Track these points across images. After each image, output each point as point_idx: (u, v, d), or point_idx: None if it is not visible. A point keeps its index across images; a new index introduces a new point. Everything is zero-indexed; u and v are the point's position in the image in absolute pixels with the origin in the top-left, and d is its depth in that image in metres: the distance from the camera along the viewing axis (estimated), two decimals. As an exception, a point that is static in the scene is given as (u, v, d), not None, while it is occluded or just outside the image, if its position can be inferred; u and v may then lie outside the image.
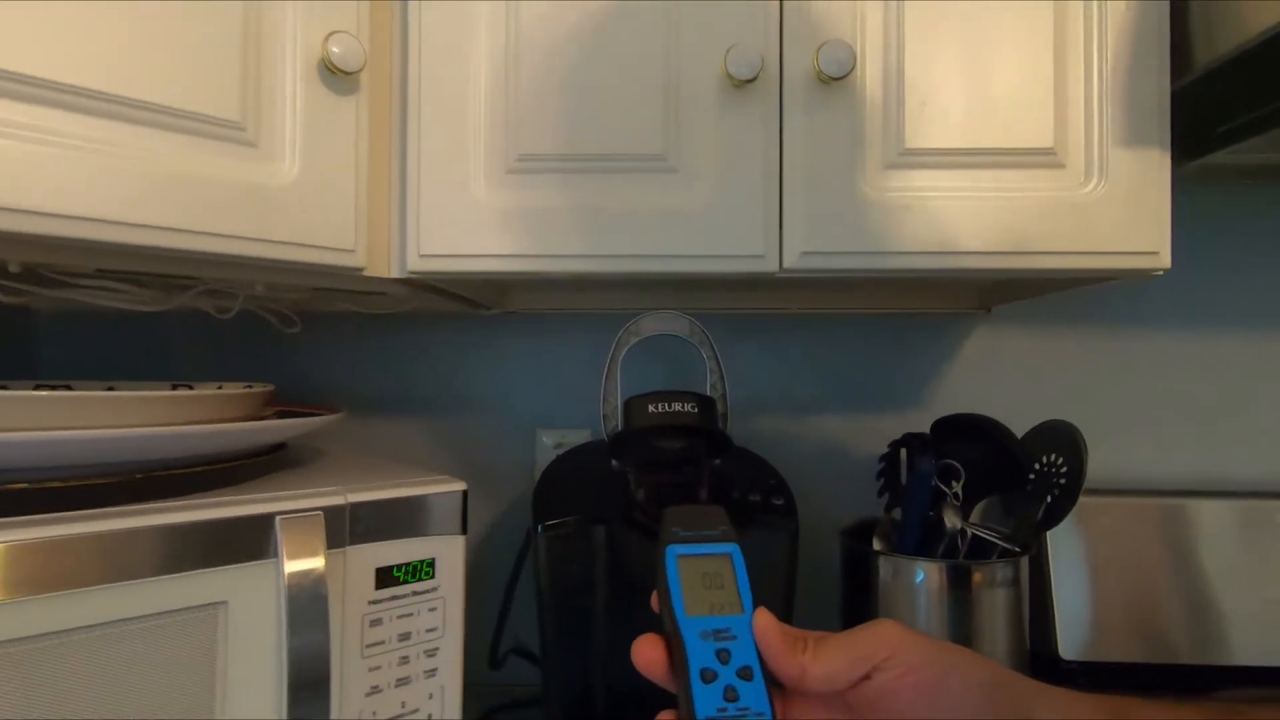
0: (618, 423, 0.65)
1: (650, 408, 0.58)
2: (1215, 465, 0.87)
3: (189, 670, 0.47)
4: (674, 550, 0.40)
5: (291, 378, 0.92)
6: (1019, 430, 0.69)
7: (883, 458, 0.70)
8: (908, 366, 0.90)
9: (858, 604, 0.68)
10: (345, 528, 0.54)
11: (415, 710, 0.57)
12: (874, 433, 0.89)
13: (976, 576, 0.61)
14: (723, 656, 0.36)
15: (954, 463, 0.64)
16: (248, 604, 0.49)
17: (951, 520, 0.59)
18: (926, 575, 0.62)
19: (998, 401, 0.88)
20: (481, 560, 0.91)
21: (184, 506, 0.48)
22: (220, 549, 0.48)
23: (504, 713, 0.81)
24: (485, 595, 0.91)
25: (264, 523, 0.50)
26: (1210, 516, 0.79)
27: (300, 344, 0.92)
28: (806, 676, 0.36)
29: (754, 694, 0.36)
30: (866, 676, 0.36)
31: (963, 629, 0.61)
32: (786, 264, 0.58)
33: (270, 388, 0.65)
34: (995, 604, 0.61)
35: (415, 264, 0.58)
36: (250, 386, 0.62)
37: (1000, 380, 0.89)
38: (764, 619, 0.37)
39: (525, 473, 0.92)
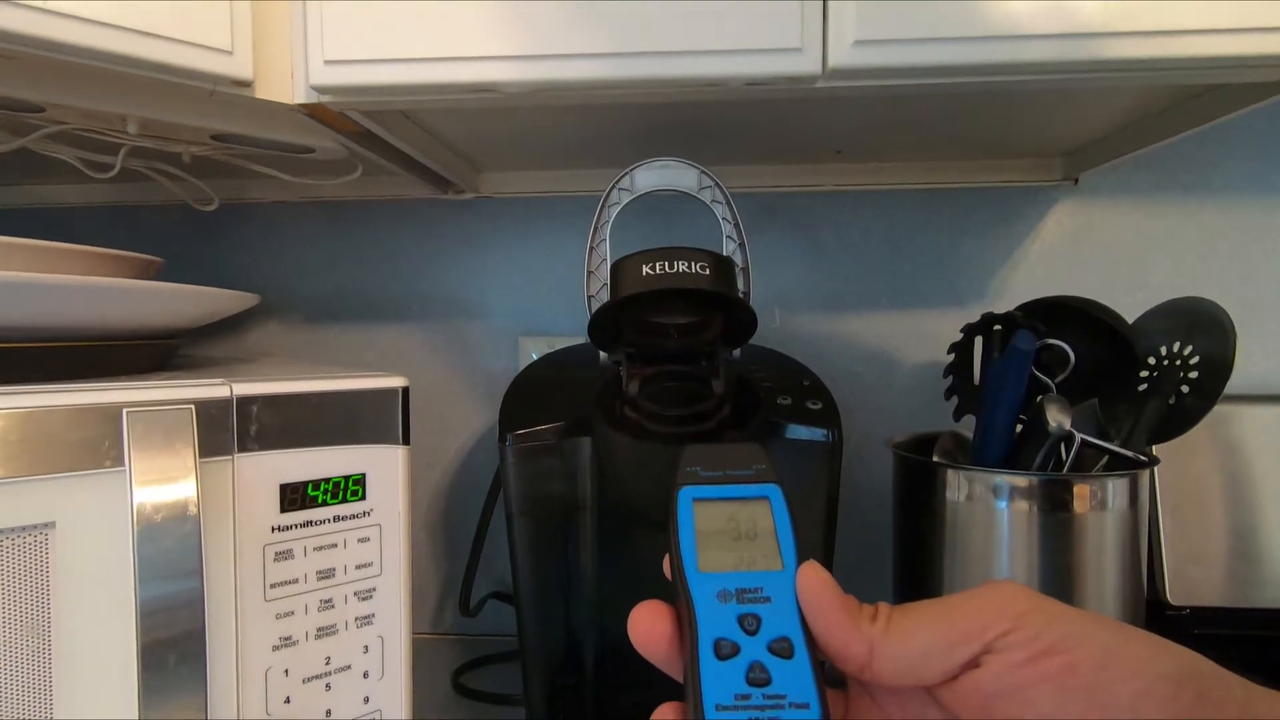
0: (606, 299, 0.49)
1: (645, 268, 0.42)
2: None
3: (9, 612, 0.34)
4: (689, 493, 0.28)
5: (226, 279, 0.78)
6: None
7: (954, 346, 0.54)
8: (970, 254, 0.73)
9: (915, 538, 0.53)
10: (230, 429, 0.40)
11: (345, 666, 0.44)
12: (928, 335, 0.73)
13: (1082, 495, 0.46)
14: (749, 625, 0.24)
15: (1062, 344, 0.48)
16: (83, 528, 0.36)
17: (1057, 419, 0.44)
18: (1013, 494, 0.47)
19: (1095, 295, 0.71)
20: (458, 489, 0.78)
21: (-22, 390, 0.34)
22: (43, 451, 0.35)
23: (480, 668, 0.69)
24: (461, 533, 0.78)
25: (103, 417, 0.36)
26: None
27: (237, 239, 0.77)
28: (877, 658, 0.23)
29: (794, 677, 0.22)
30: (974, 663, 0.22)
31: (1059, 570, 0.46)
32: (833, 61, 0.41)
33: (159, 260, 0.51)
34: (1105, 534, 0.46)
35: (320, 76, 0.43)
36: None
37: (1088, 269, 0.72)
38: (813, 572, 0.24)
39: (508, 383, 0.77)
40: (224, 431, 0.40)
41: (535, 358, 0.76)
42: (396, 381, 0.46)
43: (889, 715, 0.24)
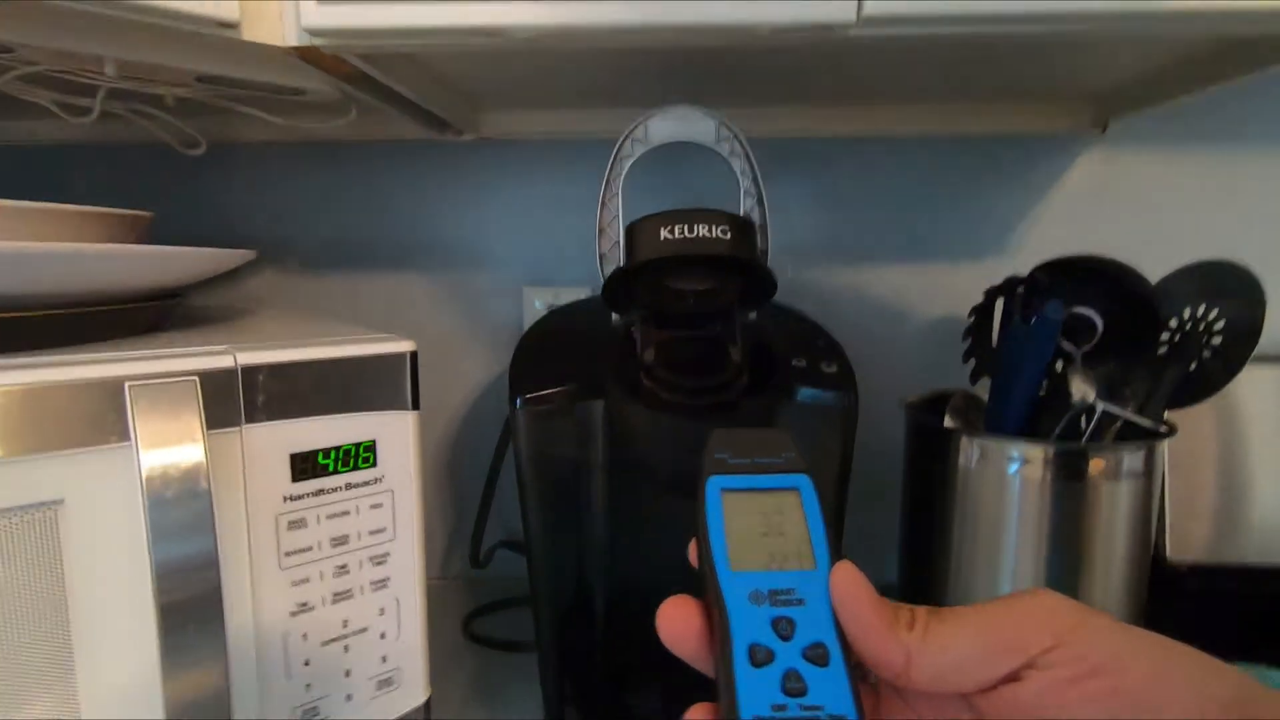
0: (620, 261, 0.48)
1: (664, 232, 0.40)
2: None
3: (24, 589, 0.34)
4: (718, 483, 0.27)
5: (216, 222, 0.75)
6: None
7: (975, 310, 0.53)
8: (990, 206, 0.70)
9: (926, 500, 0.53)
10: (237, 399, 0.39)
11: (363, 628, 0.45)
12: (944, 288, 0.72)
13: (1096, 465, 0.46)
14: (783, 629, 0.23)
15: (1091, 313, 0.47)
16: (92, 504, 0.35)
17: (1081, 391, 0.43)
18: (1025, 462, 0.47)
19: (1117, 251, 0.68)
20: (464, 438, 0.78)
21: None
22: (46, 427, 0.33)
23: (490, 614, 0.70)
24: (469, 482, 0.78)
25: (105, 391, 0.35)
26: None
27: (226, 179, 0.74)
28: (914, 667, 0.22)
29: (829, 686, 0.22)
30: (1014, 676, 0.22)
31: (1070, 537, 0.46)
32: (869, 9, 0.38)
33: (148, 215, 0.48)
34: (1117, 503, 0.46)
35: (313, 17, 0.39)
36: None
37: (1111, 221, 0.70)
38: (847, 575, 0.24)
39: (512, 340, 0.76)
40: (230, 402, 0.38)
41: (539, 306, 0.74)
42: (404, 346, 0.45)
43: (920, 716, 0.24)
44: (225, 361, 0.38)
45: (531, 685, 0.57)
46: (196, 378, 0.37)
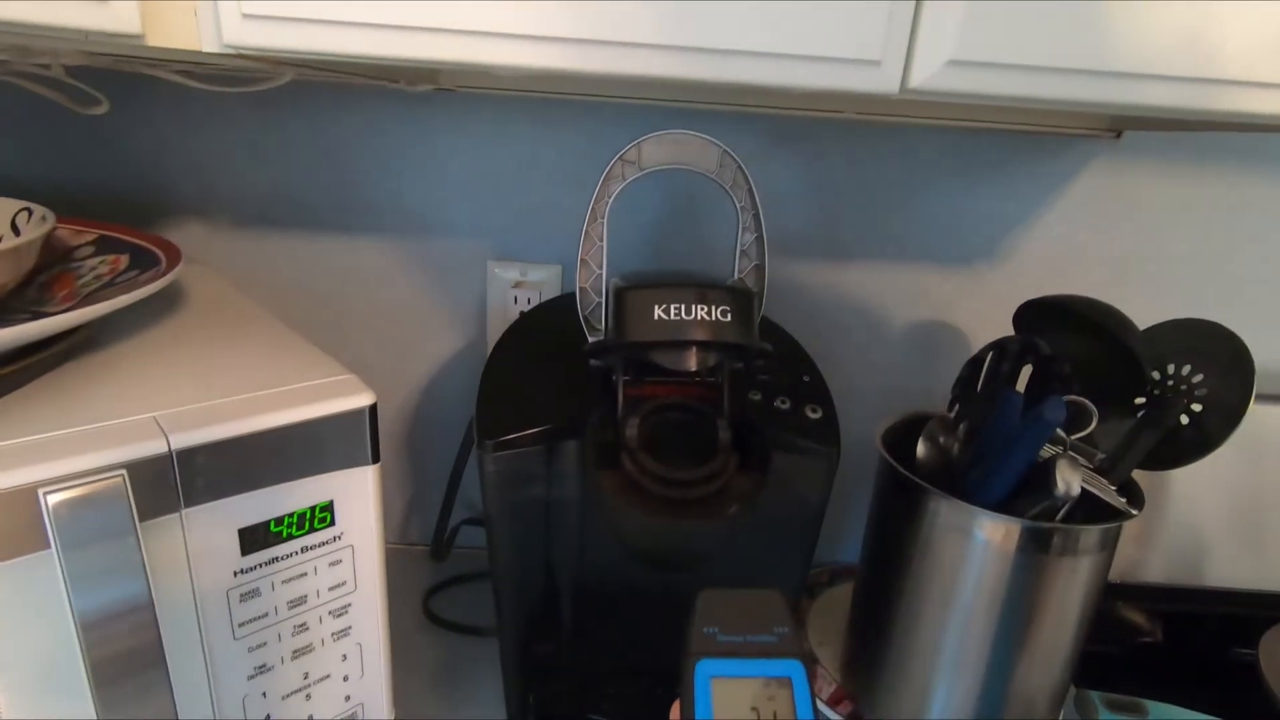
0: (602, 305, 0.43)
1: (657, 310, 0.36)
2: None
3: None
4: (707, 669, 0.26)
5: (127, 182, 0.65)
6: (1135, 314, 0.50)
7: (970, 362, 0.51)
8: (989, 208, 0.67)
9: (890, 536, 0.54)
10: (174, 485, 0.35)
11: (325, 676, 0.44)
12: (925, 292, 0.69)
13: (1063, 542, 0.46)
14: None
15: (1089, 404, 0.45)
16: (14, 615, 0.32)
17: (1066, 483, 0.43)
18: (988, 532, 0.47)
19: (1105, 264, 0.67)
20: (422, 411, 0.75)
21: None
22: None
23: (451, 588, 0.71)
24: (427, 451, 0.76)
25: (18, 502, 0.30)
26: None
27: (134, 131, 0.63)
28: None
29: None
30: None
31: (1026, 598, 0.48)
32: (915, 82, 0.33)
33: (47, 228, 0.41)
34: (1076, 574, 0.48)
35: (236, 34, 0.32)
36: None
37: (1107, 235, 0.67)
38: None
39: (474, 314, 0.71)
40: (167, 489, 0.34)
41: (504, 278, 0.69)
42: (362, 400, 0.41)
43: None
44: (156, 447, 0.34)
45: (493, 668, 0.59)
46: (124, 472, 0.32)
